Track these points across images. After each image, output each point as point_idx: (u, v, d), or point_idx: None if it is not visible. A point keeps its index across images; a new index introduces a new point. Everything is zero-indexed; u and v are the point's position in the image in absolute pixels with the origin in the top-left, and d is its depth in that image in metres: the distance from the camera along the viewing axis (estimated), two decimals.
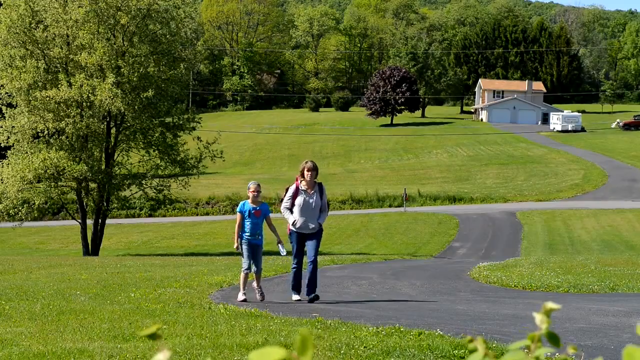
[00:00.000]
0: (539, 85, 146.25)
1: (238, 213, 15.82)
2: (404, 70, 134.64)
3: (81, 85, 41.90)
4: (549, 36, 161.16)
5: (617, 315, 12.65)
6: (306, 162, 15.87)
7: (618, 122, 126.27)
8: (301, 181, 15.67)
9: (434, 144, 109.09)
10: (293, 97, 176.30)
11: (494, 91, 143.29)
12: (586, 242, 47.83)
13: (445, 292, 17.49)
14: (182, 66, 45.98)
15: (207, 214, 70.12)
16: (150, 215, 67.25)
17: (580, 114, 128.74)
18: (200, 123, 47.62)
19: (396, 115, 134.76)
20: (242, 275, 15.69)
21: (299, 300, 15.36)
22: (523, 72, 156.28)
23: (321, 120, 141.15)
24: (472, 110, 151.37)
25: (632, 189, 73.29)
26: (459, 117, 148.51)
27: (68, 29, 43.37)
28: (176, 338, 9.88)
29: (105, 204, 45.35)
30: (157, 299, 14.83)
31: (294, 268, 15.77)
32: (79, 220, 45.74)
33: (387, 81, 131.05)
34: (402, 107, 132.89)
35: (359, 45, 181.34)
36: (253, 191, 15.80)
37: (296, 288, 15.68)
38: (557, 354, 5.59)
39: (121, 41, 44.35)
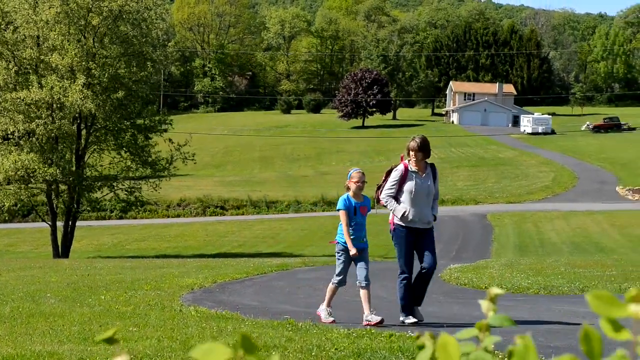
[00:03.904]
0: (509, 88, 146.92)
1: (343, 211, 12.26)
2: (375, 72, 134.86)
3: (52, 87, 41.70)
4: (519, 39, 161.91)
5: (586, 316, 12.72)
6: (413, 139, 12.48)
7: (588, 125, 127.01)
8: (409, 161, 12.34)
9: (405, 146, 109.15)
10: (264, 99, 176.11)
11: (465, 93, 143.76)
12: (556, 243, 48.07)
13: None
14: (149, 65, 45.78)
15: (179, 216, 69.91)
16: (121, 218, 66.95)
17: (550, 116, 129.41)
18: (171, 125, 47.52)
19: (368, 117, 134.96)
20: (331, 287, 12.48)
21: (416, 323, 11.89)
22: (494, 75, 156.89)
23: (293, 122, 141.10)
24: (443, 113, 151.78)
25: (602, 191, 73.74)
26: (430, 119, 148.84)
27: (38, 30, 43.15)
28: (146, 340, 9.84)
29: (75, 205, 45.13)
30: (127, 302, 14.77)
31: (403, 280, 12.15)
32: (49, 223, 45.50)
33: (358, 83, 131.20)
34: (374, 109, 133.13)
35: (330, 47, 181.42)
36: (357, 181, 12.33)
37: (410, 308, 12.12)
38: (510, 344, 5.56)
39: (92, 42, 44.16)
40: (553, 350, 9.31)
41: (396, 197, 12.17)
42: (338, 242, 12.38)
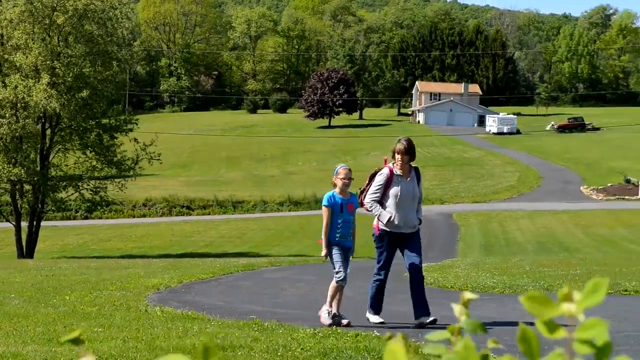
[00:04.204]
0: (475, 88, 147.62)
1: (326, 208, 11.96)
2: (341, 72, 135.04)
3: (16, 86, 41.38)
4: (485, 39, 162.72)
5: None
6: (399, 141, 12.21)
7: (552, 125, 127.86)
8: (393, 164, 12.15)
9: (371, 145, 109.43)
10: (231, 98, 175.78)
11: (431, 93, 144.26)
12: (521, 243, 48.32)
13: (393, 292, 17.54)
14: (114, 64, 45.53)
15: (144, 216, 69.64)
16: (86, 218, 66.57)
17: (515, 116, 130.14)
18: (137, 124, 47.27)
19: (334, 117, 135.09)
20: (333, 286, 12.05)
21: (382, 323, 11.90)
22: (459, 75, 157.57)
23: (259, 122, 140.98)
24: (410, 113, 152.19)
25: (566, 190, 74.23)
26: (397, 119, 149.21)
27: (2, 29, 42.83)
28: (112, 341, 9.79)
29: (40, 206, 44.82)
30: (92, 302, 14.68)
31: (376, 281, 12.20)
32: (13, 223, 45.16)
33: (324, 83, 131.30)
34: (340, 109, 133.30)
35: (296, 47, 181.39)
36: (344, 178, 12.07)
37: (377, 307, 12.19)
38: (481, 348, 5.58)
39: (57, 41, 43.87)
40: (518, 349, 9.34)
41: (381, 202, 12.00)
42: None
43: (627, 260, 29.53)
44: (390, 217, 11.82)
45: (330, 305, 11.97)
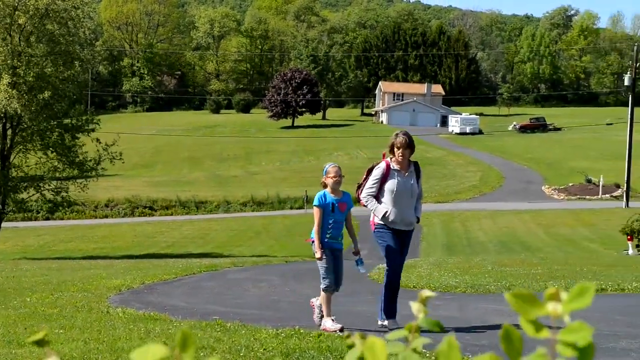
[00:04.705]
0: (438, 88, 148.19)
1: (317, 208, 11.42)
2: (305, 72, 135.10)
3: None
4: (447, 40, 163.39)
5: (512, 315, 12.87)
6: (397, 136, 11.64)
7: (514, 125, 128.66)
8: (391, 158, 11.67)
9: (334, 146, 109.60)
10: (194, 98, 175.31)
11: (394, 94, 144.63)
12: (483, 243, 48.55)
13: (346, 294, 17.57)
14: (76, 64, 45.21)
15: (106, 216, 69.25)
16: (47, 219, 66.11)
17: (477, 116, 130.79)
18: (99, 124, 46.95)
19: (297, 117, 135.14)
20: (324, 295, 11.44)
21: (395, 328, 9.97)
22: (422, 75, 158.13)
23: (222, 122, 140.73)
24: (373, 113, 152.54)
25: (528, 190, 74.70)
26: (360, 119, 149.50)
27: None
28: (73, 343, 9.73)
29: (1, 206, 44.44)
30: (53, 303, 14.58)
31: (389, 274, 11.70)
32: None
33: (288, 83, 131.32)
34: (303, 109, 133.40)
35: (260, 47, 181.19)
36: (334, 177, 11.48)
37: (391, 310, 11.62)
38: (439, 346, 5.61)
39: (18, 41, 43.52)
40: (480, 348, 9.42)
41: (377, 197, 11.55)
42: (313, 242, 11.48)
43: (588, 259, 29.78)
44: (386, 212, 11.40)
45: (329, 315, 11.41)
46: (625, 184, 63.08)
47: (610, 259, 30.34)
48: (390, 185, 11.43)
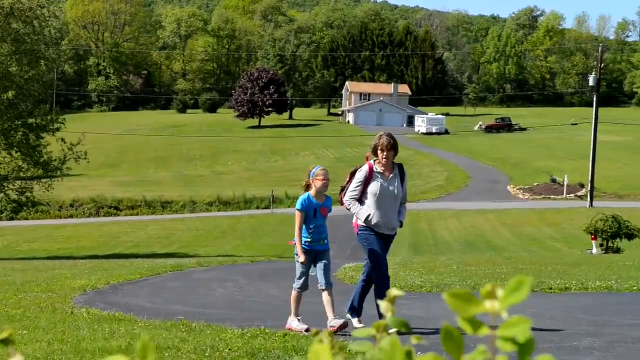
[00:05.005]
0: (404, 88, 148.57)
1: (299, 212, 11.25)
2: (271, 72, 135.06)
3: None
4: (414, 40, 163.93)
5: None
6: (380, 137, 11.38)
7: (480, 125, 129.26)
8: (374, 160, 11.42)
9: (301, 145, 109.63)
10: (160, 98, 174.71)
11: (361, 94, 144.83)
12: (449, 242, 48.72)
13: (312, 294, 17.57)
14: (41, 63, 44.91)
15: (71, 216, 68.85)
16: (11, 219, 65.63)
17: (444, 116, 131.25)
18: (64, 124, 46.63)
19: (264, 117, 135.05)
20: (294, 294, 11.45)
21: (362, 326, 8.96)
22: (389, 75, 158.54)
23: (188, 121, 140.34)
24: (339, 113, 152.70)
25: (494, 190, 75.06)
26: (326, 119, 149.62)
27: None
28: (36, 343, 9.67)
29: None
30: (17, 304, 14.48)
31: (376, 276, 11.39)
32: None
33: (254, 83, 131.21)
34: (270, 108, 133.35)
35: (227, 46, 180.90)
36: (323, 179, 11.35)
37: (359, 310, 11.57)
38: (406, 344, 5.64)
39: None
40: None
41: (360, 200, 11.28)
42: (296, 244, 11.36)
43: (552, 258, 29.97)
44: (369, 215, 11.15)
45: (297, 315, 11.34)
46: (589, 184, 63.52)
47: (574, 258, 30.55)
48: (374, 188, 11.20)
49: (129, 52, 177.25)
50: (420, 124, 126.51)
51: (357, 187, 11.26)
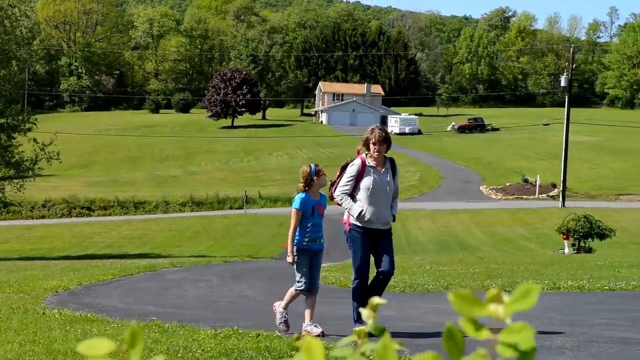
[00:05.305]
0: (377, 89, 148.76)
1: (297, 211, 10.95)
2: (244, 72, 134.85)
3: None
4: (387, 40, 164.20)
5: (451, 314, 12.96)
6: (373, 130, 11.19)
7: (453, 125, 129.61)
8: (366, 154, 11.09)
9: (274, 146, 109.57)
10: (133, 98, 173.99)
11: (334, 94, 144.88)
12: (422, 242, 48.83)
13: (285, 294, 17.57)
14: (13, 63, 44.64)
15: (43, 217, 68.49)
16: None
17: (417, 117, 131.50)
18: (35, 124, 46.39)
19: (237, 117, 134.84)
20: (292, 293, 11.21)
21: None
22: (362, 76, 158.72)
23: (161, 122, 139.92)
24: (312, 113, 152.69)
25: (466, 190, 75.29)
26: (300, 119, 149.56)
27: None
28: (8, 345, 9.62)
29: None
30: None
31: (356, 288, 11.13)
32: None
33: (227, 83, 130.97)
34: (243, 109, 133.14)
35: (199, 46, 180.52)
36: (324, 175, 11.10)
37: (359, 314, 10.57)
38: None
39: None
40: (418, 347, 9.47)
41: (352, 195, 10.98)
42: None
43: (525, 258, 30.12)
44: (362, 211, 10.85)
45: (285, 308, 11.25)
46: (561, 184, 63.84)
47: (547, 257, 30.72)
48: (366, 182, 10.90)
49: (101, 52, 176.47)
50: (394, 124, 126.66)
51: (349, 181, 10.97)
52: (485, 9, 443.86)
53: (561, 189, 63.99)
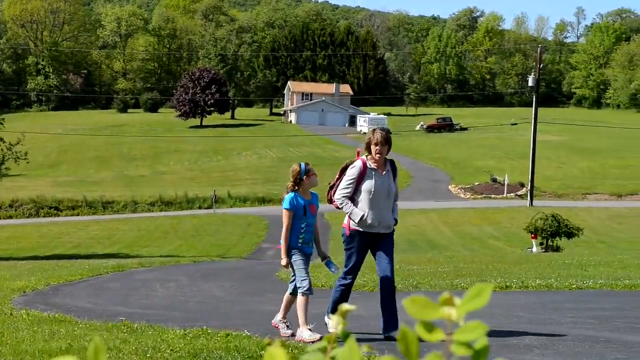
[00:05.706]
0: (346, 88, 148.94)
1: (288, 211, 10.59)
2: (213, 71, 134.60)
3: None
4: (355, 40, 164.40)
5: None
6: (375, 132, 10.77)
7: (422, 125, 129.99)
8: (366, 156, 10.76)
9: (243, 145, 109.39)
10: (100, 97, 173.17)
11: (303, 93, 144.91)
12: None
13: (254, 293, 17.57)
14: None
15: (10, 217, 68.02)
16: None
17: (385, 116, 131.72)
18: (2, 124, 46.10)
19: (206, 116, 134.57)
20: (301, 300, 10.51)
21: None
22: (331, 75, 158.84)
23: (129, 121, 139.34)
24: (281, 112, 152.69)
25: (436, 189, 75.51)
26: (269, 118, 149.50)
27: None
28: None
29: None
30: None
31: (342, 286, 10.99)
32: None
33: (196, 82, 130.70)
34: (212, 108, 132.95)
35: (168, 46, 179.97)
36: (314, 174, 10.73)
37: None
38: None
39: None
40: (387, 347, 9.49)
41: (352, 198, 10.65)
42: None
43: (493, 257, 30.24)
44: (363, 215, 10.51)
45: (284, 317, 10.88)
46: (529, 183, 64.18)
47: (515, 256, 30.86)
48: (368, 185, 10.57)
49: (69, 51, 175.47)
50: (363, 123, 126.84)
51: (349, 184, 10.61)
52: (453, 9, 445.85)
53: (529, 188, 64.32)
